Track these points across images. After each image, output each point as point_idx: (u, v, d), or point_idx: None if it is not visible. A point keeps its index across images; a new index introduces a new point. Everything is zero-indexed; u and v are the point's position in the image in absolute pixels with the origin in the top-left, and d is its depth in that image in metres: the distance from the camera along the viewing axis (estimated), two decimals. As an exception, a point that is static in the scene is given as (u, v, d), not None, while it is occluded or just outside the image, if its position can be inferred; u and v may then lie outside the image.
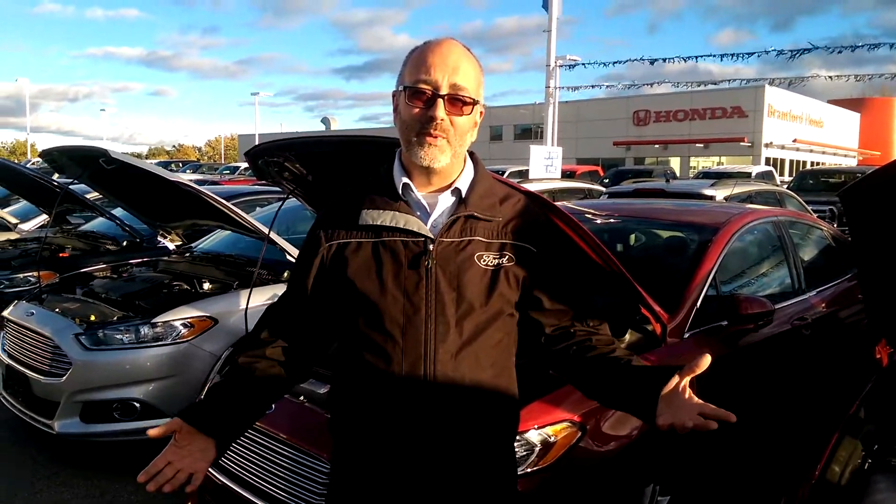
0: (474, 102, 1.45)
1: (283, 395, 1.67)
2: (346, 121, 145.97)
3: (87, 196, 6.61)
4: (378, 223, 1.46)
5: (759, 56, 16.35)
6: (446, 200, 1.49)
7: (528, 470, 2.26)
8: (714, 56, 16.36)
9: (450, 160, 1.45)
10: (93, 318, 3.99)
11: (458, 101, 1.42)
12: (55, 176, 7.93)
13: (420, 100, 1.42)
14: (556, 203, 2.69)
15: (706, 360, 1.32)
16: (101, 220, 6.75)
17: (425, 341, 1.42)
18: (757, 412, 3.31)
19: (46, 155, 4.96)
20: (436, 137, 1.41)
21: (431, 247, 1.43)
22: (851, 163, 43.67)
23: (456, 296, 1.44)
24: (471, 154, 1.56)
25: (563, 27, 16.29)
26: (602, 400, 1.62)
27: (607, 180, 19.03)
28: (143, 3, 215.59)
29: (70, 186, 5.95)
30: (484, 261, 1.46)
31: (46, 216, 7.03)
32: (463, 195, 1.49)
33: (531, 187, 8.61)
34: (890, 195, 2.16)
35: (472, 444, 1.48)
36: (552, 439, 2.33)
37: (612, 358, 1.53)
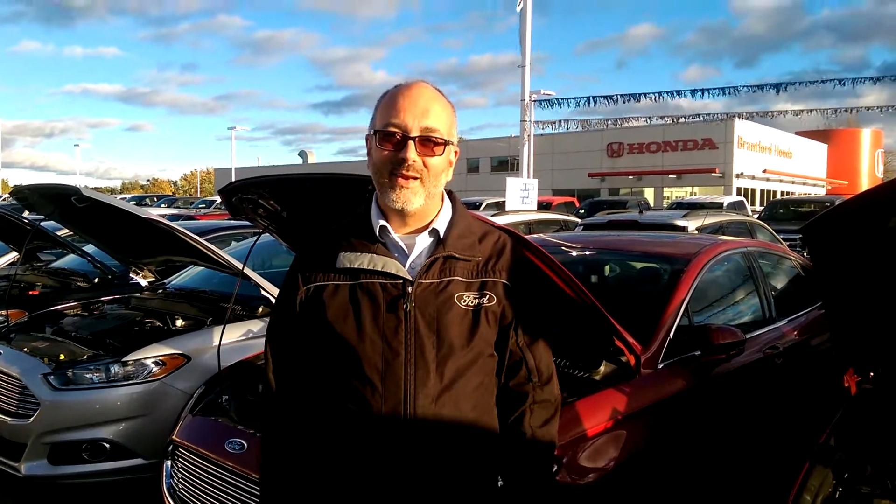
0: (446, 143, 1.45)
1: None
2: (323, 154, 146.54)
3: (58, 233, 6.52)
4: (356, 266, 1.44)
5: (728, 93, 16.77)
6: (424, 241, 1.48)
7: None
8: (685, 92, 16.77)
9: (424, 202, 1.44)
10: (62, 357, 3.91)
11: (429, 143, 1.42)
12: (25, 213, 7.82)
13: (390, 142, 1.42)
14: (530, 236, 2.73)
15: None
16: (72, 256, 6.66)
17: (405, 386, 1.40)
18: (732, 442, 3.33)
19: (17, 193, 4.90)
20: (408, 179, 1.41)
21: (410, 289, 1.42)
22: (820, 192, 44.66)
23: (436, 339, 1.42)
24: (448, 193, 1.55)
25: (536, 63, 16.64)
26: None
27: (583, 211, 19.24)
28: (122, 42, 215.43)
29: (41, 223, 5.88)
30: (464, 301, 1.45)
31: (16, 253, 6.92)
32: (441, 235, 1.48)
33: (508, 219, 8.61)
34: (849, 230, 2.23)
35: (455, 487, 1.45)
36: (528, 474, 2.32)
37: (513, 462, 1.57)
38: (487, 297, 1.47)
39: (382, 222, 1.48)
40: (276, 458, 1.56)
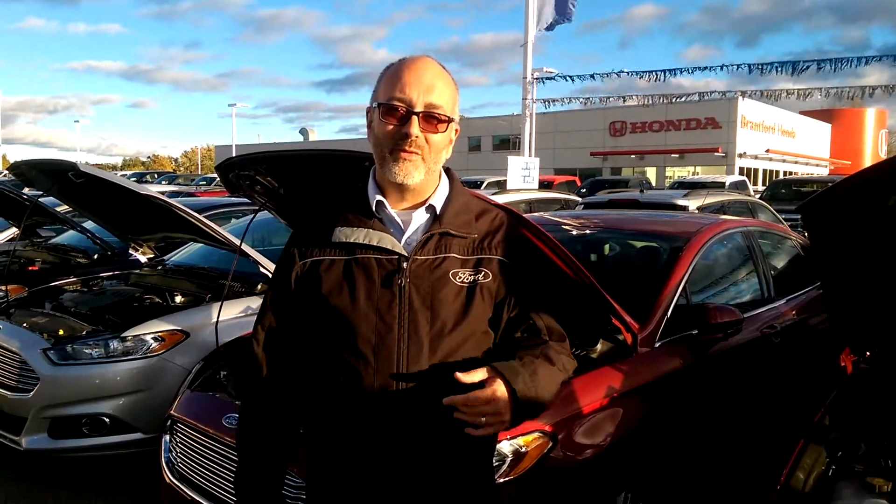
0: (449, 120, 1.44)
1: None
2: (325, 132, 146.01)
3: (58, 209, 6.51)
4: (351, 240, 1.44)
5: (732, 72, 16.59)
6: (420, 217, 1.47)
7: (500, 480, 2.26)
8: (689, 70, 16.56)
9: (424, 177, 1.43)
10: (61, 332, 3.93)
11: (432, 119, 1.41)
12: (25, 189, 7.81)
13: (394, 117, 1.41)
14: (530, 214, 2.72)
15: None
16: (71, 232, 6.65)
17: (397, 361, 1.40)
18: (727, 420, 3.34)
19: (14, 168, 4.89)
20: (410, 153, 1.40)
21: (405, 265, 1.42)
22: (823, 172, 44.47)
23: (430, 315, 1.42)
24: (446, 170, 1.54)
25: (538, 42, 16.43)
26: None
27: (584, 190, 19.18)
28: (126, 19, 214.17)
29: (40, 199, 5.87)
30: (459, 278, 1.44)
31: (16, 229, 6.92)
32: (437, 212, 1.47)
33: (510, 197, 8.54)
34: (847, 209, 2.21)
35: (447, 462, 1.45)
36: (523, 449, 2.33)
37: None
38: (483, 273, 1.46)
39: (379, 197, 1.47)
40: (254, 432, 1.57)
